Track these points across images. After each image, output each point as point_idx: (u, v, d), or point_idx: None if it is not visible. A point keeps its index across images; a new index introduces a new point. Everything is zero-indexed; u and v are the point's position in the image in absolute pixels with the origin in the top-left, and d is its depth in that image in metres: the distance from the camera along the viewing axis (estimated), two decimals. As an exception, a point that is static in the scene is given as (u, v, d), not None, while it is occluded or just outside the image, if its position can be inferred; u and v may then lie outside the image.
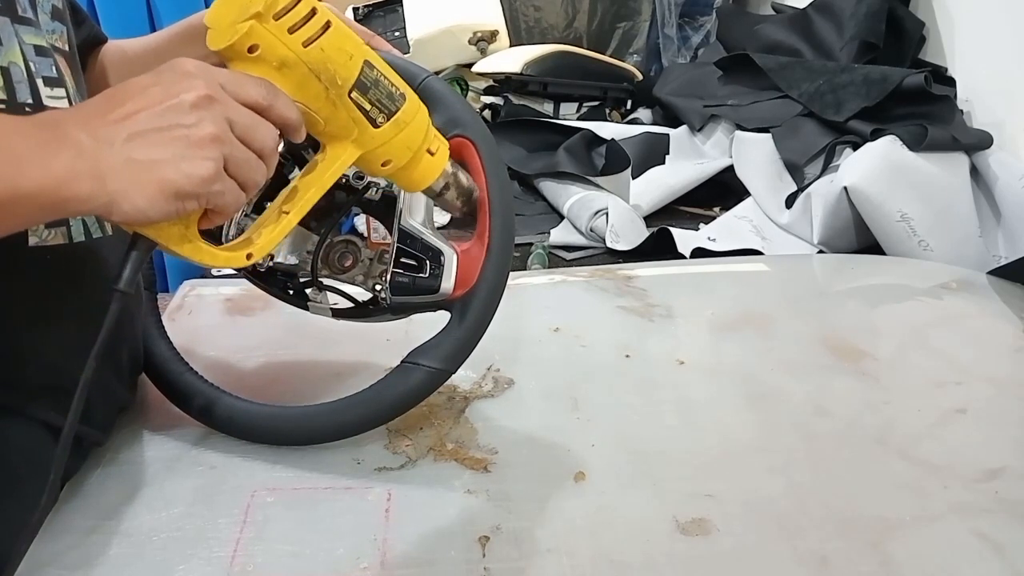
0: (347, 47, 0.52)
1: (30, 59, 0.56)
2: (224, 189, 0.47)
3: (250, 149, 0.48)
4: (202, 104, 0.46)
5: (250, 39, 0.49)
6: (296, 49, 0.50)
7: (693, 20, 2.01)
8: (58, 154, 0.43)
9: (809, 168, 1.27)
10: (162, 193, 0.45)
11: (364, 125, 0.54)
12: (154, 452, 0.66)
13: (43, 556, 0.55)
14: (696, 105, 1.57)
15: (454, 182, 0.61)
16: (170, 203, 0.46)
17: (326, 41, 0.51)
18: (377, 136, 0.54)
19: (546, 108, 1.76)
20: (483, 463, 0.64)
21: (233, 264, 0.54)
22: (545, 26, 2.00)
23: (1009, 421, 0.74)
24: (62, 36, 0.62)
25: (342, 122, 0.54)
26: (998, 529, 0.58)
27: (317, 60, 0.51)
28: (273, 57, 0.50)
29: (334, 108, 0.53)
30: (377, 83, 0.54)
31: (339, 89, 0.52)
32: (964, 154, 1.17)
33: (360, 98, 0.53)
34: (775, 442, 0.69)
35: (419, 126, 0.57)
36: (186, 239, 0.50)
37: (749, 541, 0.57)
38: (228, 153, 0.47)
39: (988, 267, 1.05)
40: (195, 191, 0.46)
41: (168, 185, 0.45)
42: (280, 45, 0.50)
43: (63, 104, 0.59)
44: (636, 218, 1.24)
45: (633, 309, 0.92)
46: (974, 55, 1.32)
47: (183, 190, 0.45)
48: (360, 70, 0.53)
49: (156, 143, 0.45)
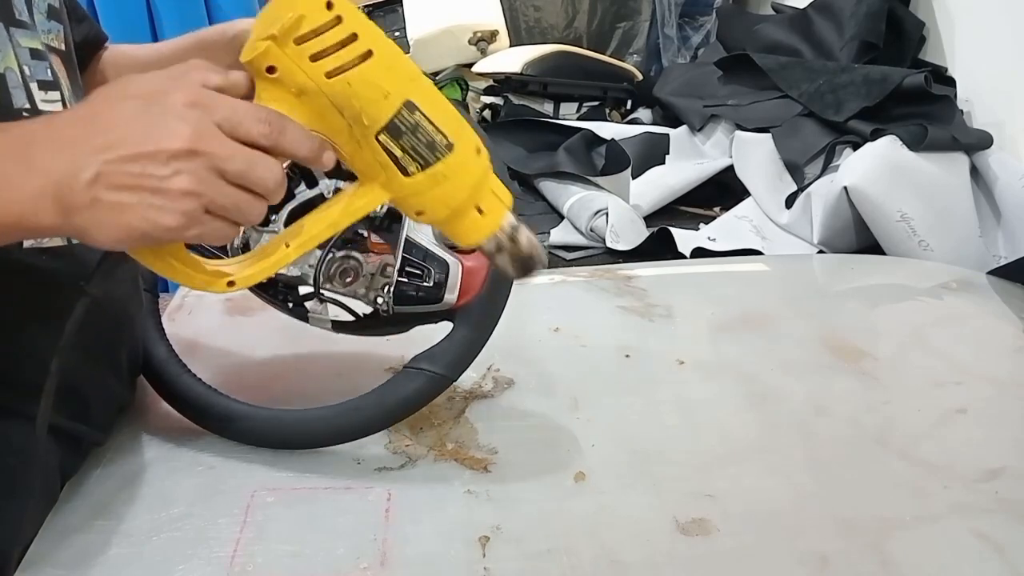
0: (385, 83, 0.46)
1: (25, 63, 0.56)
2: (204, 232, 0.45)
3: (245, 189, 0.45)
4: (181, 156, 0.43)
5: (267, 60, 0.45)
6: (317, 79, 0.45)
7: (693, 20, 2.02)
8: (23, 185, 0.42)
9: (809, 168, 1.27)
10: (129, 236, 0.43)
11: (393, 171, 0.47)
12: (154, 452, 0.66)
13: (43, 556, 0.55)
14: (696, 105, 1.57)
15: (509, 246, 0.52)
16: (137, 243, 0.44)
17: (357, 74, 0.45)
18: (408, 185, 0.48)
19: (546, 108, 1.76)
20: (483, 463, 0.64)
21: (211, 289, 0.50)
22: (545, 26, 2.01)
23: (1009, 421, 0.74)
24: (58, 35, 0.62)
25: (367, 162, 0.48)
26: (998, 529, 0.58)
27: (341, 94, 0.45)
28: (292, 83, 0.45)
29: (358, 147, 0.47)
30: (416, 128, 0.47)
31: (365, 129, 0.46)
32: (964, 154, 1.17)
33: (390, 142, 0.46)
34: (775, 442, 0.69)
35: (464, 181, 0.49)
36: (160, 257, 0.47)
37: (749, 541, 0.57)
38: (209, 201, 0.44)
39: (988, 267, 1.05)
40: (163, 238, 0.44)
41: (133, 231, 0.43)
42: (299, 72, 0.45)
43: (58, 107, 0.59)
44: (636, 218, 1.24)
45: (633, 309, 0.92)
46: (974, 55, 1.32)
47: (150, 235, 0.44)
48: (396, 111, 0.46)
49: (124, 187, 0.43)
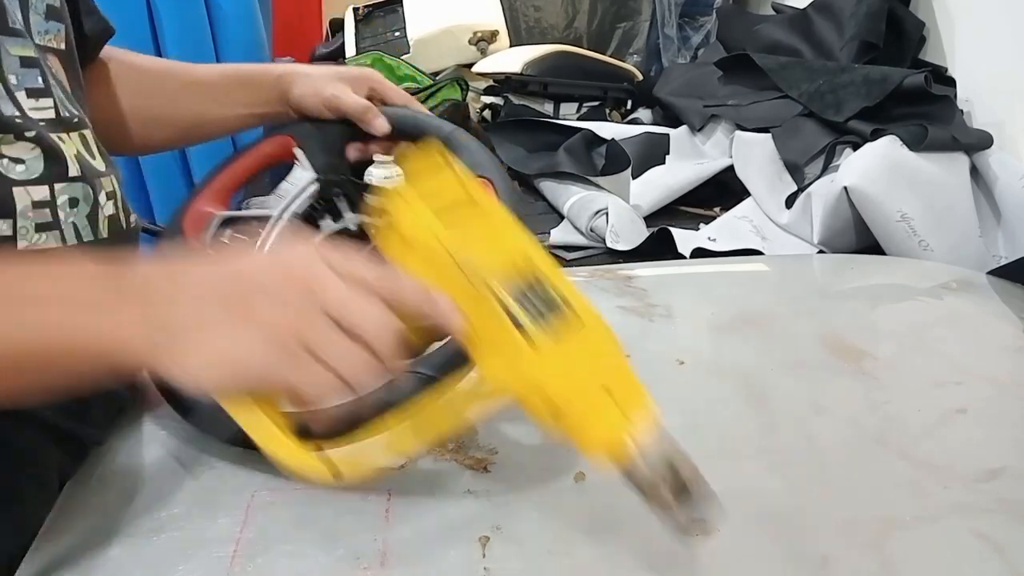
0: (503, 241, 0.44)
1: (13, 72, 0.56)
2: (300, 375, 0.42)
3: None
4: (286, 290, 0.42)
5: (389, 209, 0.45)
6: (440, 234, 0.44)
7: (693, 20, 2.01)
8: (119, 311, 0.42)
9: (809, 168, 1.27)
10: (220, 363, 0.42)
11: (508, 327, 0.42)
12: (154, 452, 0.66)
13: (42, 556, 0.55)
14: (696, 105, 1.57)
15: (662, 471, 0.42)
16: (228, 378, 0.43)
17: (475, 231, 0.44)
18: (525, 348, 0.42)
19: (546, 108, 1.76)
20: (483, 463, 0.64)
21: (307, 473, 0.45)
22: (545, 26, 2.00)
23: (1009, 421, 0.74)
24: (58, 35, 0.62)
25: (483, 319, 0.43)
26: (998, 529, 0.58)
27: (461, 247, 0.43)
28: (408, 235, 0.44)
29: (476, 304, 0.43)
30: (535, 284, 0.43)
31: (481, 280, 0.43)
32: (964, 154, 1.17)
33: (505, 295, 0.42)
34: (775, 442, 0.69)
35: (586, 348, 0.43)
36: (252, 410, 0.43)
37: (749, 541, 0.57)
38: (307, 337, 0.41)
39: (988, 267, 1.05)
40: (255, 373, 0.42)
41: (225, 357, 0.42)
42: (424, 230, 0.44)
43: (49, 114, 0.58)
44: (636, 218, 1.24)
45: (633, 309, 0.92)
46: (974, 55, 1.32)
47: (242, 365, 0.42)
48: (514, 265, 0.43)
49: (223, 318, 0.42)
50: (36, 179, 0.56)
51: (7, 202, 0.55)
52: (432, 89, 1.46)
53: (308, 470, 0.43)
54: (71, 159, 0.59)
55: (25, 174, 0.56)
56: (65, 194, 0.58)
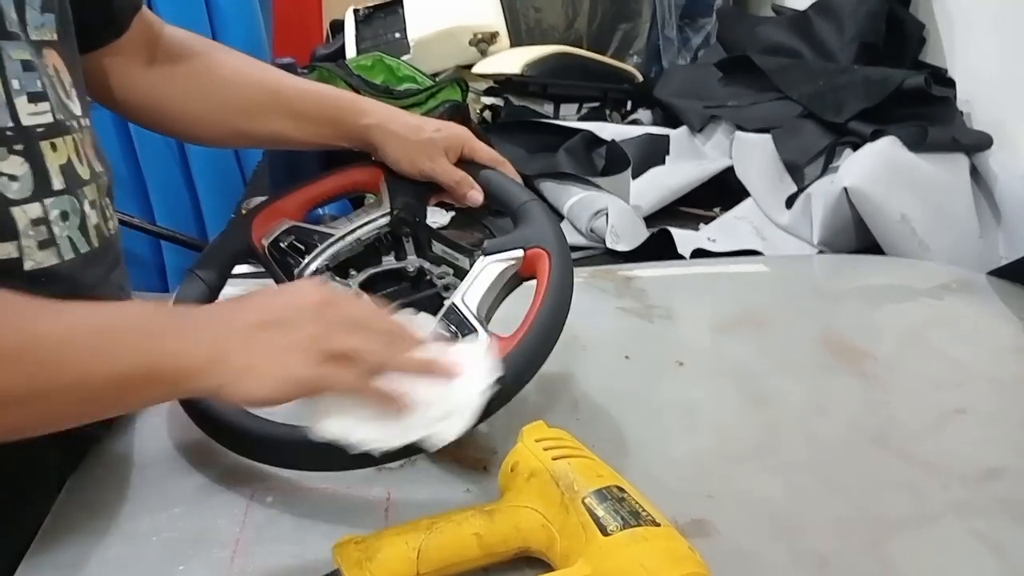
0: (598, 468, 0.53)
1: (16, 77, 0.56)
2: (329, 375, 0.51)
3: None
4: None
5: (515, 457, 0.56)
6: (545, 462, 0.53)
7: (693, 22, 2.01)
8: (184, 333, 0.49)
9: (809, 169, 1.27)
10: (285, 378, 0.49)
11: (593, 531, 0.48)
12: (154, 452, 0.66)
13: (42, 556, 0.55)
14: (696, 106, 1.57)
15: None
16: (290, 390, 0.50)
17: (576, 460, 0.53)
18: (605, 543, 0.47)
19: (546, 109, 1.76)
20: (483, 463, 0.64)
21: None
22: (545, 27, 2.00)
23: (1009, 421, 0.74)
24: (50, 27, 0.61)
25: (570, 527, 0.50)
26: (998, 529, 0.58)
27: (560, 470, 0.52)
28: (526, 469, 0.54)
29: (565, 512, 0.50)
30: (622, 500, 0.50)
31: (574, 494, 0.51)
32: (964, 154, 1.17)
33: (594, 504, 0.50)
34: (775, 442, 0.69)
35: (665, 547, 0.47)
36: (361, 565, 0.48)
37: (749, 541, 0.57)
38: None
39: (988, 267, 1.05)
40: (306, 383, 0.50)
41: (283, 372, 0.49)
42: (533, 459, 0.54)
43: (47, 119, 0.58)
44: (636, 219, 1.24)
45: (633, 310, 0.92)
46: (974, 55, 1.32)
47: (292, 379, 0.49)
48: (605, 485, 0.51)
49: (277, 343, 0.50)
50: (29, 197, 0.56)
51: (9, 224, 0.55)
52: (432, 90, 1.45)
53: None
54: (55, 172, 0.58)
55: (20, 192, 0.55)
56: (56, 208, 0.58)
